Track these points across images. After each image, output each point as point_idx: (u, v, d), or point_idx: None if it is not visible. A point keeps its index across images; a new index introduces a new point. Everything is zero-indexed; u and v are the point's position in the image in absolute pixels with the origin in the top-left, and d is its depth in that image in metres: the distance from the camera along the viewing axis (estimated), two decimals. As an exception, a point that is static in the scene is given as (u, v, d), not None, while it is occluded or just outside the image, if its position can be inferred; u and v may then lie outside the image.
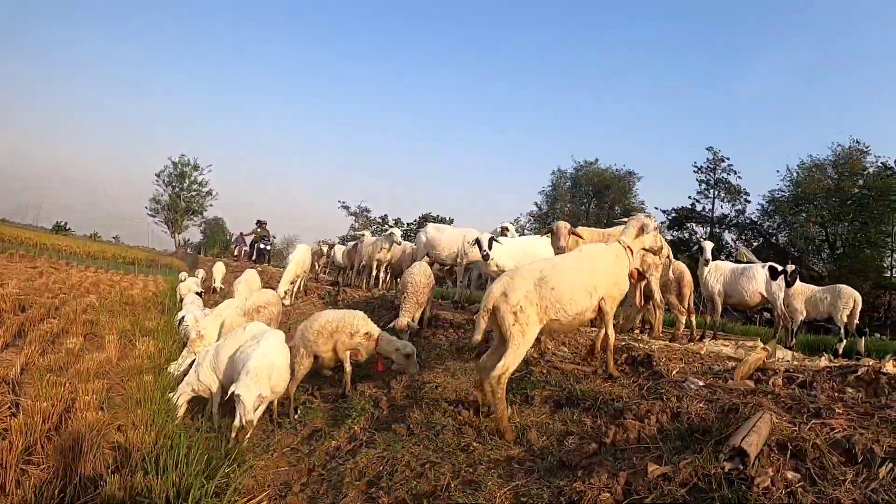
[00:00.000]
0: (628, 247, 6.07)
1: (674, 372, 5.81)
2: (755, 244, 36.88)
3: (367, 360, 7.88)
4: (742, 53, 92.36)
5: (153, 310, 14.24)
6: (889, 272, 30.20)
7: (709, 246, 9.77)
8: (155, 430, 5.92)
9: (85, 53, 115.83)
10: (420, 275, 9.26)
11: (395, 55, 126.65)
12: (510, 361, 5.27)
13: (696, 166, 40.11)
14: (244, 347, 6.86)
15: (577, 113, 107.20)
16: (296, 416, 7.20)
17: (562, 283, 5.46)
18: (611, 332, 5.93)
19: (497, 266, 8.94)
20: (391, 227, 49.32)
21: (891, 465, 3.35)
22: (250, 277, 11.25)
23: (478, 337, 5.56)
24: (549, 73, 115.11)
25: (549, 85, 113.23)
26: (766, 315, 18.72)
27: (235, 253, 30.51)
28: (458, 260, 11.69)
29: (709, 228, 39.22)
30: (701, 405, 4.57)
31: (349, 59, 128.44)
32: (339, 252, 18.31)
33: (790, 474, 3.39)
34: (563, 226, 7.45)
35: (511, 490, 4.20)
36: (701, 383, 5.14)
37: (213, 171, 60.57)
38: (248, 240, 29.01)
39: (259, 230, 28.05)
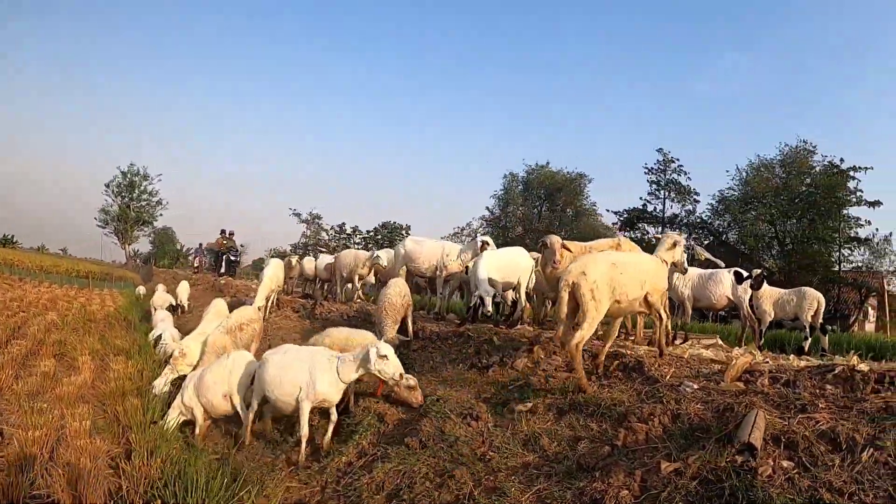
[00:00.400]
0: (665, 261, 7.21)
1: (667, 376, 6.33)
2: (706, 242, 37.98)
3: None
4: (693, 55, 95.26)
5: (117, 327, 14.20)
6: (837, 266, 31.61)
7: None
8: (160, 456, 5.97)
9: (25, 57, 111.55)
10: (396, 295, 9.57)
11: (345, 61, 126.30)
12: (585, 332, 6.18)
13: (646, 167, 41.42)
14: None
15: (529, 117, 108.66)
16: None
17: (628, 270, 6.50)
18: (664, 314, 7.14)
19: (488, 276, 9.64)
20: (362, 241, 49.60)
21: (871, 450, 3.95)
22: (219, 308, 11.26)
23: (563, 311, 6.36)
24: (500, 76, 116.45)
25: (501, 88, 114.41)
26: (722, 313, 19.51)
27: (196, 264, 29.72)
28: (438, 272, 12.08)
29: (660, 228, 40.32)
30: (698, 406, 5.13)
31: (299, 65, 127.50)
32: (308, 265, 18.46)
33: (785, 463, 3.96)
34: (557, 240, 7.91)
35: (534, 494, 4.64)
36: (696, 386, 5.68)
37: (163, 179, 59.83)
38: (208, 251, 28.21)
39: (225, 240, 26.37)
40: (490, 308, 9.54)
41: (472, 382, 7.68)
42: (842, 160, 32.62)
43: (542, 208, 46.47)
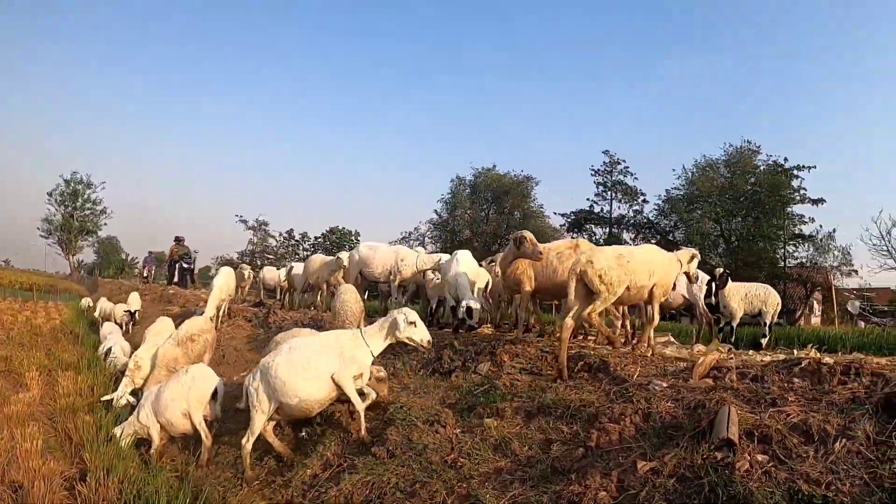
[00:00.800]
0: (680, 261, 7.95)
1: (635, 375, 6.40)
2: (653, 242, 38.85)
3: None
4: (640, 58, 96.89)
5: (64, 340, 13.86)
6: (782, 263, 32.64)
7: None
8: (117, 476, 5.83)
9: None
10: (354, 302, 9.54)
11: (290, 66, 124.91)
12: (599, 305, 6.96)
13: (593, 169, 42.25)
14: None
15: (476, 120, 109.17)
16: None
17: (635, 260, 7.15)
18: (656, 316, 7.75)
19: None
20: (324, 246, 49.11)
21: (843, 440, 4.04)
22: (163, 327, 10.90)
23: (572, 297, 7.00)
24: (448, 79, 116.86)
25: (448, 92, 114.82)
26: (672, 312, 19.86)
27: (144, 275, 28.61)
28: (392, 277, 12.03)
29: (607, 229, 41.20)
30: (669, 404, 5.18)
31: (243, 70, 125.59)
32: (270, 274, 18.19)
33: (760, 457, 4.02)
34: (531, 235, 8.41)
35: (509, 500, 4.60)
36: (665, 384, 5.73)
37: (106, 187, 58.22)
38: (154, 259, 27.10)
39: (177, 247, 24.78)
40: (476, 319, 9.54)
41: (435, 388, 7.63)
42: (786, 159, 33.91)
43: (490, 211, 46.63)
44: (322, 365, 6.40)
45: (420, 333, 6.52)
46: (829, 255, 32.60)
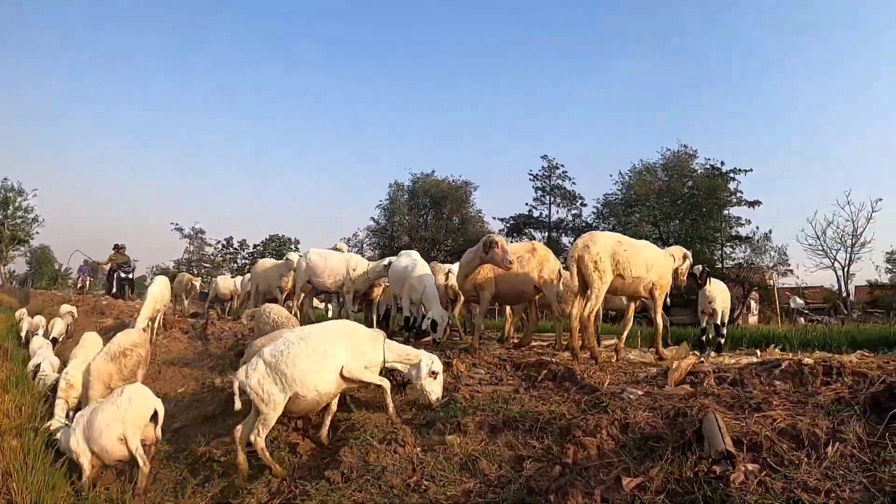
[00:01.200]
0: (673, 256, 8.27)
1: (606, 383, 6.16)
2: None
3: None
4: (579, 64, 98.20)
5: (-8, 356, 13.06)
6: (720, 264, 33.53)
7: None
8: None
9: None
10: (285, 318, 9.13)
11: (223, 71, 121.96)
12: (593, 303, 7.11)
13: (531, 174, 42.90)
14: None
15: (414, 125, 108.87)
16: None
17: (633, 248, 7.45)
18: (659, 319, 8.02)
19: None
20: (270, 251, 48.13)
21: (836, 444, 3.89)
22: (91, 342, 10.23)
23: (576, 284, 7.34)
24: (386, 85, 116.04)
25: (386, 98, 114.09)
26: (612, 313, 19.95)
27: (79, 285, 27.08)
28: (344, 288, 11.58)
29: (546, 233, 41.78)
30: (647, 413, 4.95)
31: (176, 72, 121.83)
32: (223, 283, 17.44)
33: (751, 466, 3.82)
34: (502, 240, 8.22)
35: (484, 526, 4.30)
36: (640, 392, 5.52)
37: (38, 195, 55.92)
38: (89, 269, 25.75)
39: (114, 256, 23.17)
40: (441, 334, 9.15)
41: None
42: (722, 163, 35.26)
43: (428, 217, 47.10)
44: (339, 355, 6.16)
45: (436, 389, 6.37)
46: (765, 256, 33.96)
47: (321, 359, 6.05)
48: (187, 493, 6.15)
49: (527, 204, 43.46)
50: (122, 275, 22.85)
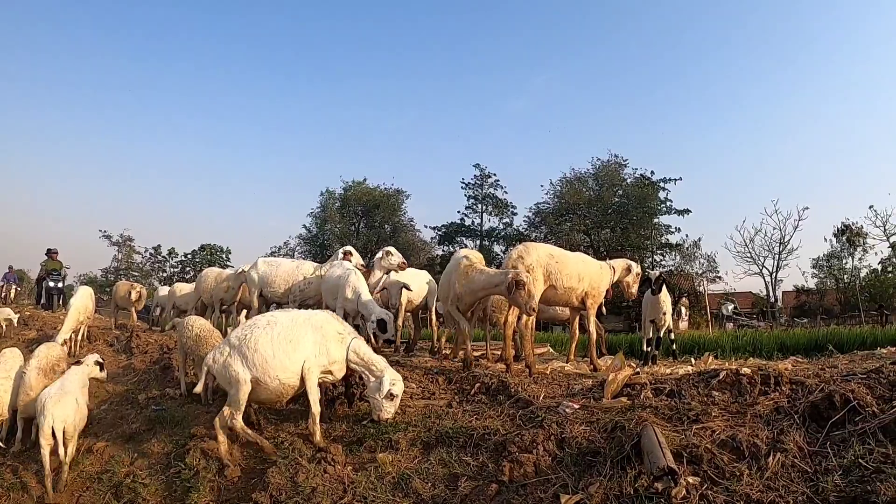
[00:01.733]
0: (613, 268, 8.63)
1: (541, 397, 6.02)
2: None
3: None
4: (506, 76, 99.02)
5: None
6: (651, 272, 34.26)
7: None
8: None
9: None
10: (208, 332, 8.67)
11: (147, 73, 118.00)
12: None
13: (463, 182, 43.04)
14: None
15: (346, 134, 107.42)
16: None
17: (564, 259, 7.72)
18: (593, 329, 8.13)
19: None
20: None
21: (777, 454, 3.82)
22: (10, 356, 9.50)
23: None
24: (316, 91, 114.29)
25: (316, 105, 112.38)
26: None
27: (2, 294, 24.84)
28: (292, 298, 11.05)
29: (478, 241, 42.02)
30: (584, 428, 4.81)
31: (99, 73, 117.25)
32: (184, 289, 16.30)
33: (692, 479, 3.71)
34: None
35: (419, 550, 4.08)
36: (576, 406, 5.38)
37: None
38: (15, 277, 23.40)
39: (43, 263, 20.98)
40: (393, 332, 8.87)
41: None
42: (652, 172, 36.17)
43: (360, 225, 46.76)
44: (304, 347, 6.00)
45: (389, 409, 6.02)
46: (695, 263, 34.77)
47: (285, 347, 5.91)
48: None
49: (459, 212, 43.68)
50: (51, 283, 20.58)
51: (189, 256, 51.44)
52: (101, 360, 7.71)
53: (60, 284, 20.87)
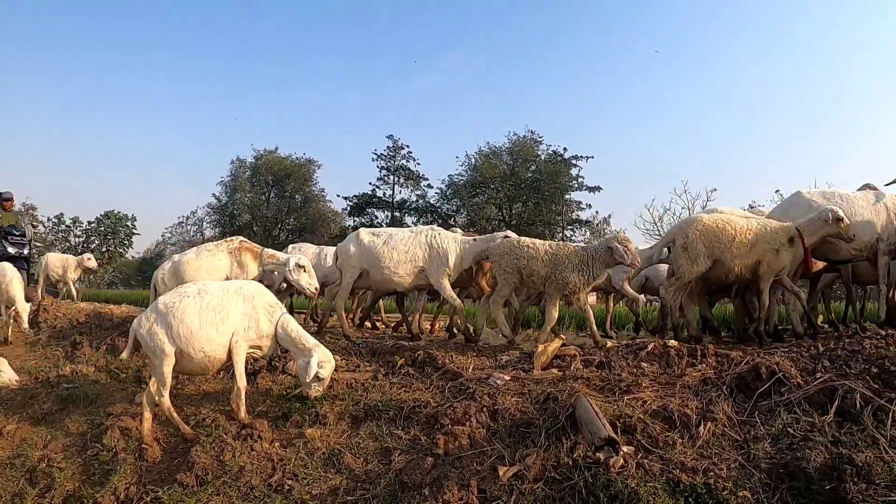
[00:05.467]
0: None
1: (470, 369, 6.01)
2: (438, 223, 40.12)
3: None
4: (423, 46, 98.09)
5: None
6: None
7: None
8: None
9: None
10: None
11: (55, 41, 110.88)
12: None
13: (375, 154, 42.86)
14: None
15: (257, 101, 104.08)
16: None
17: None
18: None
19: None
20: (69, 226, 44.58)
21: (708, 423, 3.98)
22: None
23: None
24: (227, 59, 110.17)
25: (230, 72, 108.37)
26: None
27: None
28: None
29: (389, 213, 41.99)
30: (516, 399, 4.86)
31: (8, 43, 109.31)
32: (53, 261, 15.20)
33: (626, 448, 3.80)
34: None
35: (356, 526, 4.03)
36: (507, 377, 5.42)
37: None
38: None
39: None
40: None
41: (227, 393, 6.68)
42: (565, 149, 36.87)
43: (271, 195, 46.34)
44: (233, 319, 5.70)
45: (318, 389, 5.74)
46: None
47: (213, 318, 5.63)
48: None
49: (370, 183, 43.37)
50: (10, 248, 13.41)
51: (93, 225, 49.03)
52: None
53: (25, 251, 13.80)
